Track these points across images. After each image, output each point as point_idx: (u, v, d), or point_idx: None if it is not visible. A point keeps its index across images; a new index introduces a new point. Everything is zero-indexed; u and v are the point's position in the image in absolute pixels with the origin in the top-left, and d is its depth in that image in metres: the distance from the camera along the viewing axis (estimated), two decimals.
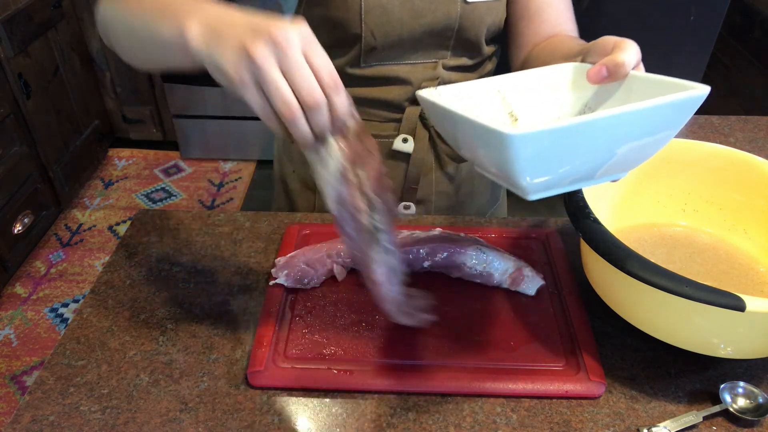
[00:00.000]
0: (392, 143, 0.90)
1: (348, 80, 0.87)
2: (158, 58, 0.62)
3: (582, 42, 0.75)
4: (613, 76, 0.58)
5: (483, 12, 0.84)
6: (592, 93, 0.60)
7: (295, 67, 0.48)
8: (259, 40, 0.48)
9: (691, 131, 1.12)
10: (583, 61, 0.64)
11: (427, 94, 0.60)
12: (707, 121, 1.15)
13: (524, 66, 0.86)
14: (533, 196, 0.51)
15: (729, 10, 1.81)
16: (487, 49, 0.89)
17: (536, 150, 0.46)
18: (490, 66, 0.95)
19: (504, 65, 0.95)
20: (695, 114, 0.53)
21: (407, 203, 0.96)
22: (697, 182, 0.81)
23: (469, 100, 0.61)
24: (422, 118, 0.90)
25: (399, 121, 0.90)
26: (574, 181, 0.52)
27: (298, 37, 0.49)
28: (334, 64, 0.85)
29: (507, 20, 0.90)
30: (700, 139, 0.80)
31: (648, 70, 0.60)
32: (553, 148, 0.46)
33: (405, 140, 0.90)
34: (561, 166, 0.48)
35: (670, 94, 0.50)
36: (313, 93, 0.49)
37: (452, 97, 0.62)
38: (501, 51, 0.96)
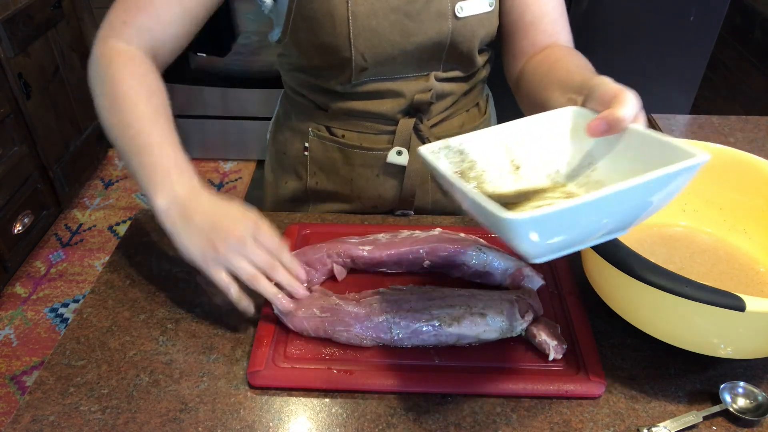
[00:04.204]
0: (386, 156, 0.89)
1: (339, 97, 0.86)
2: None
3: (582, 69, 0.73)
4: (612, 130, 0.58)
5: (475, 26, 0.82)
6: (594, 143, 0.61)
7: (251, 255, 0.67)
8: (222, 241, 0.66)
9: (691, 131, 1.12)
10: (584, 102, 0.64)
11: (428, 154, 0.59)
12: (707, 121, 1.15)
13: (521, 77, 0.84)
14: (536, 261, 0.53)
15: (729, 10, 1.81)
16: (480, 59, 0.88)
17: (534, 230, 0.48)
18: (483, 73, 0.93)
19: (497, 71, 0.94)
20: (695, 114, 0.53)
21: (406, 211, 0.94)
22: (697, 182, 0.80)
23: (472, 152, 0.62)
24: (416, 129, 0.88)
25: (392, 133, 0.89)
26: (573, 246, 0.54)
27: (249, 229, 0.67)
28: (325, 84, 0.91)
29: (501, 30, 0.88)
30: (700, 139, 0.80)
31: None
32: (552, 226, 0.49)
33: (399, 152, 0.88)
34: (559, 238, 0.51)
35: (668, 156, 0.52)
36: (267, 264, 0.68)
37: (455, 152, 0.62)
38: (494, 57, 0.94)
